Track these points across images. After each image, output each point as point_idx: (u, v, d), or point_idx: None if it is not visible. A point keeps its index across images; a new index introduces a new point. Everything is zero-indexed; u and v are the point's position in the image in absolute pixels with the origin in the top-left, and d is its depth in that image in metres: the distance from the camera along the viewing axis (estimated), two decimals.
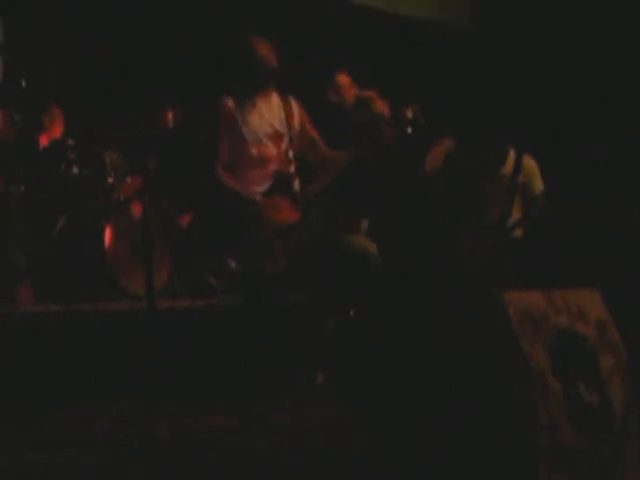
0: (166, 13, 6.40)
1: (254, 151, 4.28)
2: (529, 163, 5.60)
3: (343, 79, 5.91)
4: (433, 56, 6.97)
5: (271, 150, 4.30)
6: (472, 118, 6.04)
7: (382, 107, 5.79)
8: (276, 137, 4.33)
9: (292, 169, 4.35)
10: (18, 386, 4.26)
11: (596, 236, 5.61)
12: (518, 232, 5.58)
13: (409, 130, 4.52)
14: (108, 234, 5.47)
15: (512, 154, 5.56)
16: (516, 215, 5.54)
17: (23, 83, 5.53)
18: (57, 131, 5.77)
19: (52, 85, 5.95)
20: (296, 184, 4.34)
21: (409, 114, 4.50)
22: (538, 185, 5.60)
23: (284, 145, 4.34)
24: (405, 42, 7.02)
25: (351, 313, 4.51)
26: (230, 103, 4.29)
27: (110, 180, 5.66)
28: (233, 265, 5.60)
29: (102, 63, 6.24)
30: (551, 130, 6.33)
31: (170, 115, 6.09)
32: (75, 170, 5.57)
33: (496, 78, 6.67)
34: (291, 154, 4.35)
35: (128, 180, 5.73)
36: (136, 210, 5.54)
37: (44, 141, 5.68)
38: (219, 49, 5.61)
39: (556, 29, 6.65)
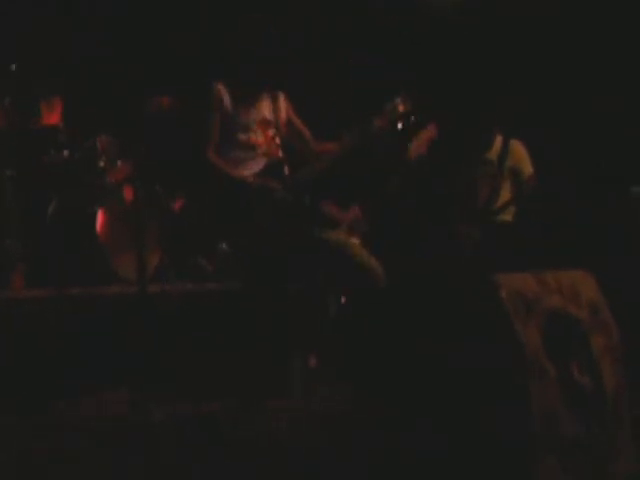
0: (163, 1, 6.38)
1: (243, 137, 4.33)
2: (517, 147, 5.63)
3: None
4: (425, 40, 6.94)
5: (259, 136, 4.35)
6: (464, 102, 6.04)
7: None
8: (264, 124, 4.38)
9: (281, 154, 4.39)
10: (11, 373, 4.26)
11: (591, 220, 5.63)
12: (508, 216, 5.60)
13: (399, 125, 4.53)
14: (100, 218, 5.46)
15: (499, 139, 5.59)
16: (506, 198, 5.57)
17: (13, 67, 5.50)
18: (54, 119, 5.74)
19: (44, 69, 5.90)
20: (286, 169, 4.38)
21: (400, 108, 4.49)
22: (527, 169, 5.63)
23: (272, 132, 4.39)
24: (397, 28, 6.99)
25: (342, 300, 4.52)
26: (222, 89, 4.33)
27: (101, 164, 5.63)
28: (224, 247, 5.59)
29: (96, 47, 6.21)
30: (546, 114, 6.32)
31: (162, 99, 6.06)
32: (66, 154, 5.55)
33: (490, 63, 6.65)
34: (279, 140, 4.40)
35: (119, 163, 5.70)
36: (128, 194, 5.53)
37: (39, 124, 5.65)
38: (214, 39, 5.61)
39: (554, 15, 6.62)
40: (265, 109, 4.44)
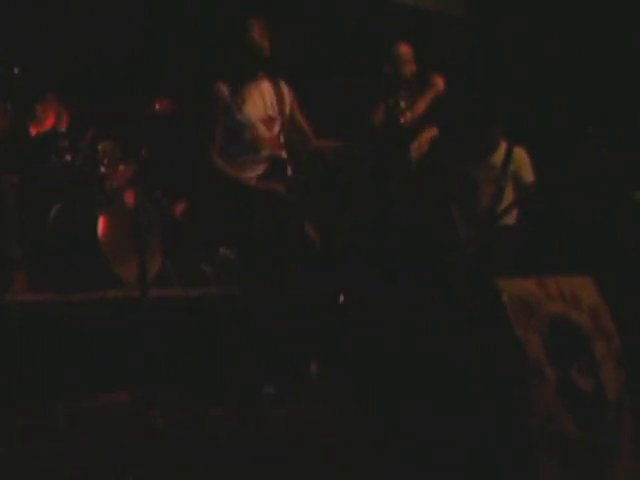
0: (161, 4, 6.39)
1: (247, 136, 4.29)
2: (519, 153, 5.67)
3: (405, 50, 5.07)
4: (427, 44, 6.95)
5: (264, 135, 4.31)
6: (466, 107, 6.05)
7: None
8: (269, 122, 4.34)
9: (284, 154, 4.36)
10: (12, 376, 4.26)
11: (590, 223, 5.63)
12: (510, 220, 5.62)
13: (401, 120, 4.53)
14: (101, 223, 5.46)
15: (503, 144, 5.62)
16: (508, 202, 5.59)
17: (16, 71, 5.50)
18: (48, 123, 5.73)
19: (46, 73, 5.90)
20: (289, 169, 4.35)
21: (402, 104, 4.50)
22: (528, 174, 5.66)
23: (276, 129, 4.35)
24: (399, 30, 7.00)
25: (340, 299, 4.50)
26: (224, 88, 4.30)
27: (103, 169, 5.64)
28: (227, 252, 5.58)
29: (96, 50, 6.22)
30: (546, 118, 6.35)
31: (164, 102, 6.05)
32: (68, 158, 5.55)
33: (491, 66, 6.67)
34: (283, 139, 4.36)
35: (121, 168, 5.71)
36: (129, 198, 5.53)
37: (33, 131, 5.64)
38: (213, 33, 5.61)
39: (551, 17, 6.64)
40: (268, 105, 4.38)
